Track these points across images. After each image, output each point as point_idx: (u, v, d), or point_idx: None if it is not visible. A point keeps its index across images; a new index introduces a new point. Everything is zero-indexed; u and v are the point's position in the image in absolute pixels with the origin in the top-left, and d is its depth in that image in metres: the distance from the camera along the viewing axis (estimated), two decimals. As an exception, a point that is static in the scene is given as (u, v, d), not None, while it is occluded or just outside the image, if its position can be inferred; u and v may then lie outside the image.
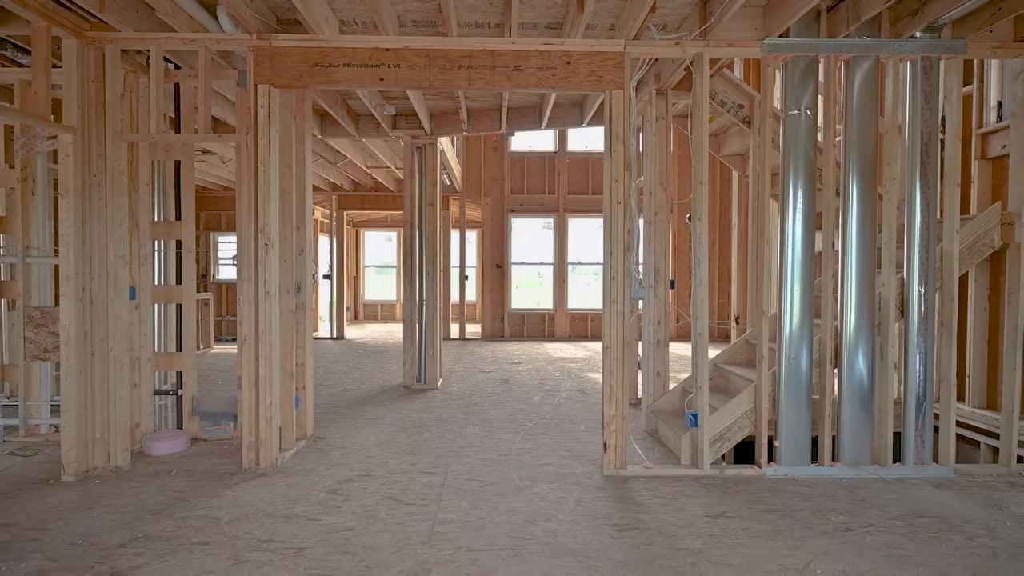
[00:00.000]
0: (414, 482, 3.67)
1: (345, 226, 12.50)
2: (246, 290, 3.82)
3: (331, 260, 11.52)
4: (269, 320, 3.83)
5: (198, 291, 11.16)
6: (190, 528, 2.99)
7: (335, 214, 11.51)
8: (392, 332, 12.31)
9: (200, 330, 9.84)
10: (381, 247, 16.30)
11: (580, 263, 12.57)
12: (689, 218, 5.84)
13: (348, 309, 14.17)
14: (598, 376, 7.43)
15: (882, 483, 3.69)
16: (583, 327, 11.83)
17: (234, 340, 10.93)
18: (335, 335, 11.31)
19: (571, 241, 11.97)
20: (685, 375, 7.09)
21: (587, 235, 12.60)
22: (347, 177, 10.87)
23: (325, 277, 11.74)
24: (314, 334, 11.65)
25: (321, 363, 8.37)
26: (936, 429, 3.97)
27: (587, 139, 12.07)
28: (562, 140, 11.87)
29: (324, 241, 12.87)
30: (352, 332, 12.40)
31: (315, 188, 11.17)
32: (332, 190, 11.31)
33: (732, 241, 8.70)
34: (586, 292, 13.51)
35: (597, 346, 10.38)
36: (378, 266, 16.19)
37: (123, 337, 3.87)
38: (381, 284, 16.03)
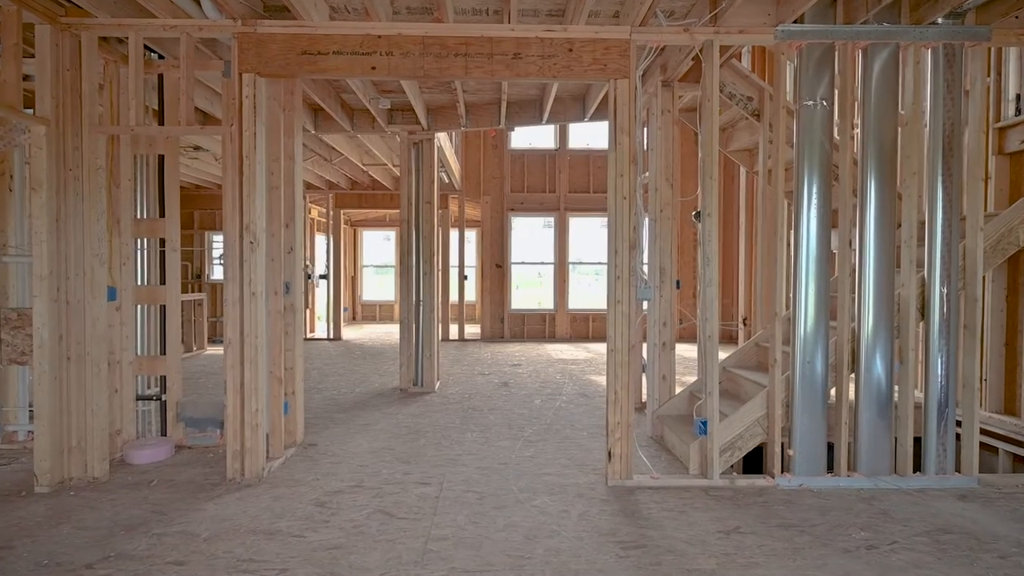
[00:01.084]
0: (408, 493, 3.47)
1: (343, 225, 12.31)
2: (230, 291, 3.62)
3: (328, 260, 11.32)
4: (255, 322, 3.63)
5: (192, 292, 11.01)
6: (166, 546, 2.79)
7: (332, 213, 11.31)
8: (390, 333, 12.11)
9: (194, 331, 9.66)
10: (380, 246, 16.10)
11: (581, 263, 12.37)
12: (695, 215, 5.64)
13: (346, 309, 13.99)
14: (600, 379, 7.23)
15: (903, 495, 3.49)
16: (584, 328, 11.63)
17: (229, 341, 10.70)
18: (331, 336, 11.11)
19: (572, 240, 11.76)
20: (690, 378, 6.89)
21: (588, 234, 12.41)
22: (344, 175, 10.67)
23: (322, 277, 11.54)
24: (310, 335, 11.48)
25: (316, 365, 8.17)
26: (957, 436, 3.77)
27: (588, 136, 11.88)
28: (563, 137, 11.66)
29: (321, 240, 12.67)
30: (349, 333, 12.20)
31: (311, 186, 10.97)
32: (329, 188, 11.11)
33: (739, 239, 8.50)
34: (587, 292, 13.32)
35: (598, 347, 10.18)
36: (377, 266, 16.00)
37: (101, 340, 3.67)
38: (380, 284, 15.83)
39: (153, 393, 4.46)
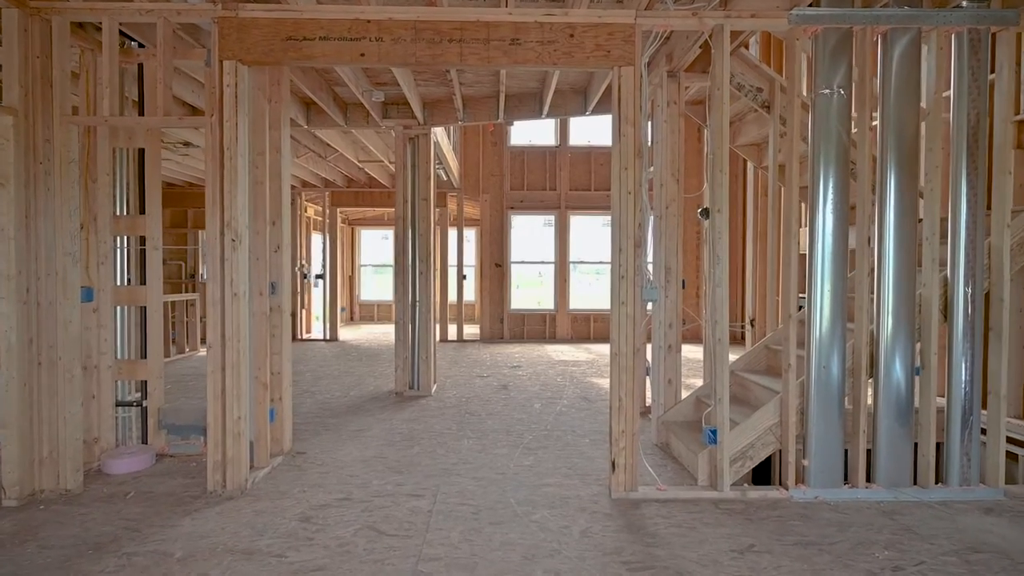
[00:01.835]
0: (399, 507, 3.26)
1: (340, 224, 12.09)
2: (212, 291, 3.41)
3: (324, 259, 11.11)
4: (237, 324, 3.42)
5: (184, 291, 10.79)
6: (135, 567, 2.58)
7: (328, 211, 11.08)
8: (388, 333, 11.89)
9: (186, 332, 9.46)
10: (378, 245, 15.89)
11: (583, 262, 12.15)
12: (700, 212, 5.43)
13: (343, 309, 13.79)
14: (602, 381, 7.02)
15: (925, 508, 3.28)
16: (585, 328, 11.41)
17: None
18: (328, 337, 10.90)
19: (573, 239, 11.54)
20: (695, 381, 6.69)
21: (590, 233, 12.20)
22: (340, 172, 10.46)
23: (318, 277, 11.33)
24: (307, 335, 11.27)
25: (310, 367, 7.96)
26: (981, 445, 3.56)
27: (590, 132, 11.64)
28: (563, 133, 11.45)
29: (318, 239, 12.46)
30: (346, 333, 12.00)
31: (307, 184, 10.76)
32: (325, 186, 10.89)
33: (746, 237, 8.27)
34: (588, 292, 13.11)
35: (600, 348, 9.97)
36: (375, 265, 15.78)
37: (74, 344, 3.46)
38: (379, 284, 15.62)
39: (134, 399, 4.25)
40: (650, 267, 3.68)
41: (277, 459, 4.01)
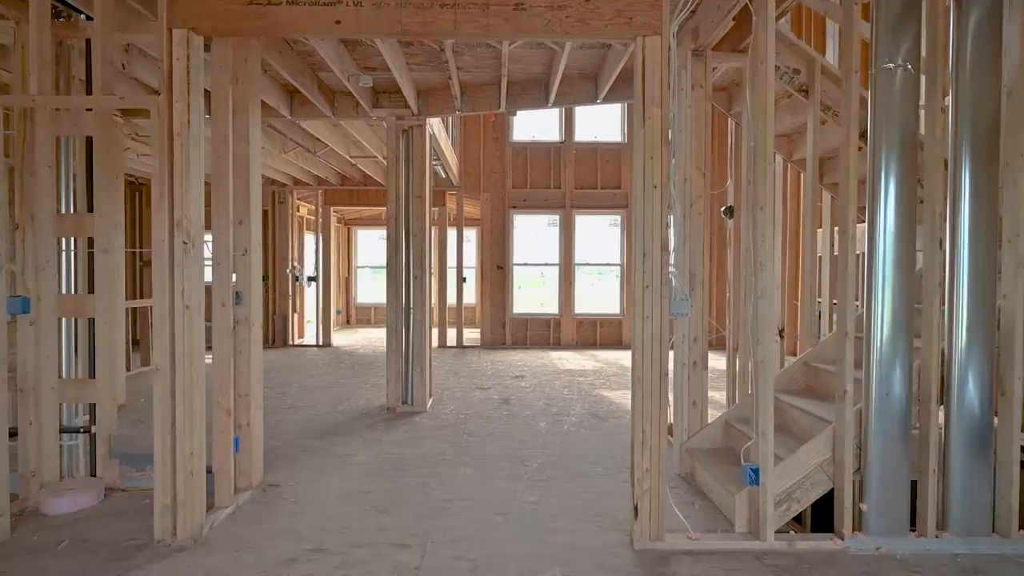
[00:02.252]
0: (380, 562, 2.72)
1: (334, 223, 11.56)
2: (159, 303, 2.88)
3: (317, 260, 10.57)
4: (191, 343, 2.89)
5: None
6: (42, 656, 2.05)
7: (321, 210, 10.54)
8: (384, 338, 11.33)
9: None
10: (376, 246, 15.33)
11: (588, 264, 11.60)
12: (724, 211, 4.89)
13: (338, 312, 13.26)
14: (613, 395, 6.48)
15: (1012, 563, 2.74)
16: (591, 334, 10.84)
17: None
18: (320, 342, 10.36)
19: (579, 240, 10.97)
20: (716, 394, 6.13)
21: (595, 233, 11.64)
22: (332, 169, 9.91)
23: (310, 279, 10.81)
24: (299, 340, 10.73)
25: (298, 377, 7.43)
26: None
27: (596, 128, 11.09)
28: (568, 128, 10.89)
29: (310, 240, 11.93)
30: (341, 338, 11.46)
31: (299, 182, 10.23)
32: (317, 184, 10.34)
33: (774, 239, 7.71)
34: (591, 293, 12.55)
35: (607, 355, 9.42)
36: (372, 267, 15.24)
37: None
38: (376, 286, 15.06)
39: (82, 424, 3.71)
40: (674, 274, 3.12)
41: (244, 495, 3.47)
